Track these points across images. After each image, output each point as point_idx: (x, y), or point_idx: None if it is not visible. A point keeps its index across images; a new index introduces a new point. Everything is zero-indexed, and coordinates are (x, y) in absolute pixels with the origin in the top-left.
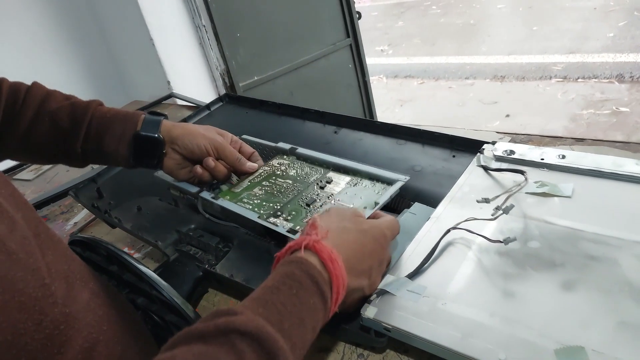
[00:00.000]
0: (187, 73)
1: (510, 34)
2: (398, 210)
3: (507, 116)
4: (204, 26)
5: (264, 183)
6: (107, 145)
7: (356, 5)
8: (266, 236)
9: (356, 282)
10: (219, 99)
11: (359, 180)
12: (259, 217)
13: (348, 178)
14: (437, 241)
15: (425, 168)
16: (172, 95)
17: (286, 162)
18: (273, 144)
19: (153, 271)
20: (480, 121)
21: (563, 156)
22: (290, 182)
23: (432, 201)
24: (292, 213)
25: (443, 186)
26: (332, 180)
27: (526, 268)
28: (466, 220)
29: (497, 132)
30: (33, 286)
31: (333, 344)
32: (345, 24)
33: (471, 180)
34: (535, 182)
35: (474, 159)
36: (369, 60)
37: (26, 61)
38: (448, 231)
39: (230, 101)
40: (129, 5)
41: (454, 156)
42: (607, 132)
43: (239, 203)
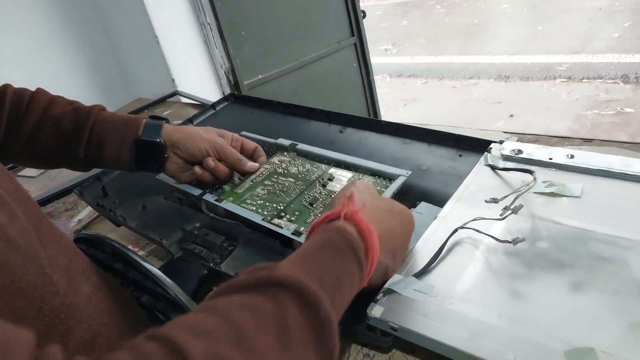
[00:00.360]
0: (192, 71)
1: (514, 34)
2: None
3: (511, 116)
4: (209, 24)
5: (266, 182)
6: (109, 150)
7: (360, 4)
8: (271, 235)
9: (384, 260)
10: (224, 99)
11: (361, 176)
12: (263, 220)
13: (350, 174)
14: (445, 240)
15: (431, 167)
16: (177, 93)
17: (287, 159)
18: (273, 141)
19: (158, 269)
20: (484, 121)
21: (572, 156)
22: (292, 181)
23: (439, 200)
24: (296, 213)
25: (449, 185)
26: (334, 177)
27: (535, 268)
28: (474, 219)
29: (504, 132)
30: (33, 274)
31: None
32: (350, 23)
33: (478, 179)
34: (543, 182)
35: (482, 158)
36: (373, 59)
37: (31, 58)
38: (455, 230)
39: (235, 101)
40: (134, 2)
41: (461, 155)
42: (612, 133)
43: (242, 205)
